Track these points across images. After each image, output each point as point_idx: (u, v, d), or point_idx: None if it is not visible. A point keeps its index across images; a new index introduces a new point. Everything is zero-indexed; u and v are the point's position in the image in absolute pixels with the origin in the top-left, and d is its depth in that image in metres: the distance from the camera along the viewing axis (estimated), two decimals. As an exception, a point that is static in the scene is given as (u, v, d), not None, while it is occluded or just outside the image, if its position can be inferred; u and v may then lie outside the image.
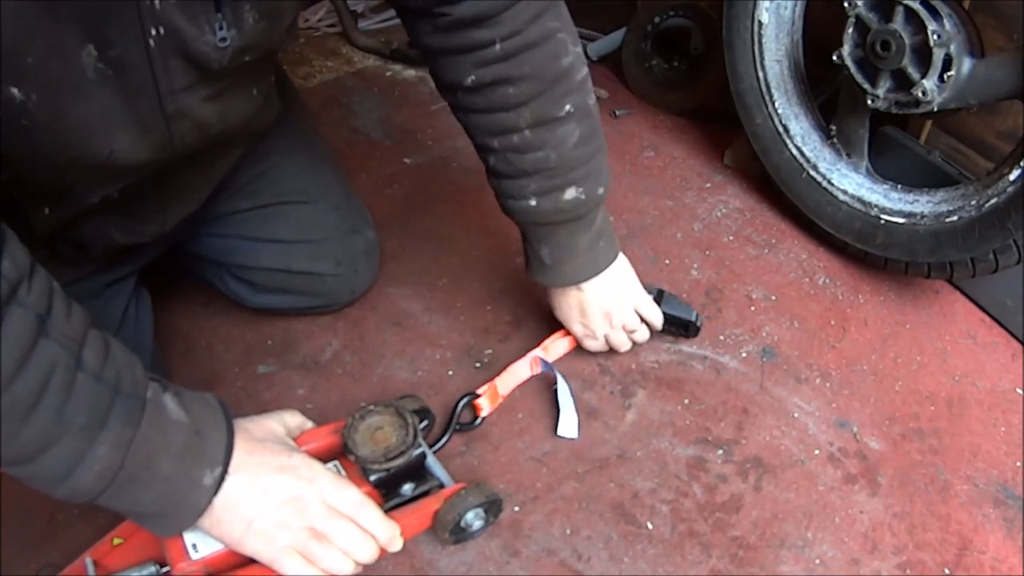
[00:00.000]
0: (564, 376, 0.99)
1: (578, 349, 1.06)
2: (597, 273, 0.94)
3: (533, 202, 0.86)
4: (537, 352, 1.01)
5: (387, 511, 0.77)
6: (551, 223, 0.89)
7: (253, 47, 0.69)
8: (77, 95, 0.60)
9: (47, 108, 0.59)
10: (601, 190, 0.89)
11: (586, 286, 0.95)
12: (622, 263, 0.98)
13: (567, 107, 0.82)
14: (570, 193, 0.86)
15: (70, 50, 0.57)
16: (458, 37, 0.78)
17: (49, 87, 0.58)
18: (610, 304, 0.97)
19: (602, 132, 0.88)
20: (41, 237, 0.75)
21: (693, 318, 1.05)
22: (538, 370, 1.02)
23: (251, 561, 0.70)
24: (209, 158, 0.85)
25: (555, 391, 0.98)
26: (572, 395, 0.98)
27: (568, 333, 1.04)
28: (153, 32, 0.60)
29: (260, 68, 0.77)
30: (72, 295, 0.61)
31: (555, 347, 1.04)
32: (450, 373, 1.03)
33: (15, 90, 0.56)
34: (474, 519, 0.80)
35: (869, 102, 1.13)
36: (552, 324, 1.04)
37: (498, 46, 0.77)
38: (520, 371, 1.01)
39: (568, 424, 0.96)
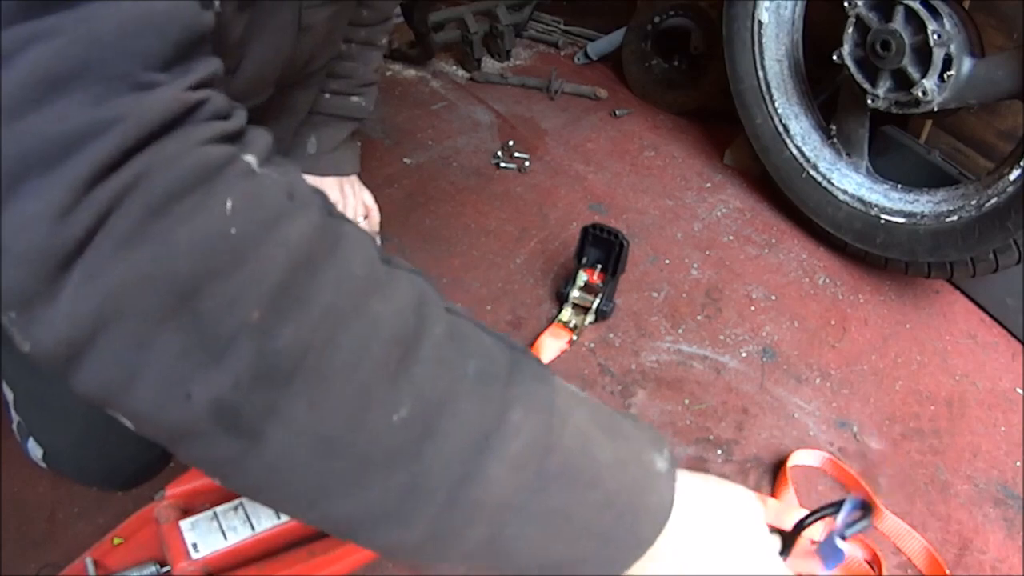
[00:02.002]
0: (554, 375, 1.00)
1: (576, 349, 1.06)
2: (346, 173, 1.04)
3: (327, 96, 0.97)
4: None
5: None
6: (333, 115, 0.98)
7: None
8: (252, 10, 0.59)
9: (228, 17, 0.54)
10: (371, 108, 1.02)
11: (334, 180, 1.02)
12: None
13: (384, 40, 0.99)
14: (355, 100, 0.99)
15: None
16: None
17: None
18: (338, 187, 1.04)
19: None
20: None
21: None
22: None
23: (251, 561, 0.70)
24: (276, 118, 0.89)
25: None
26: None
27: (559, 334, 1.04)
28: None
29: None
30: None
31: (547, 348, 1.04)
32: (450, 373, 1.03)
33: (217, 1, 0.48)
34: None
35: (869, 102, 1.13)
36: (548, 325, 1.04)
37: None
38: None
39: None
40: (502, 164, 1.41)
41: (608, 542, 0.39)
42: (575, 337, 1.07)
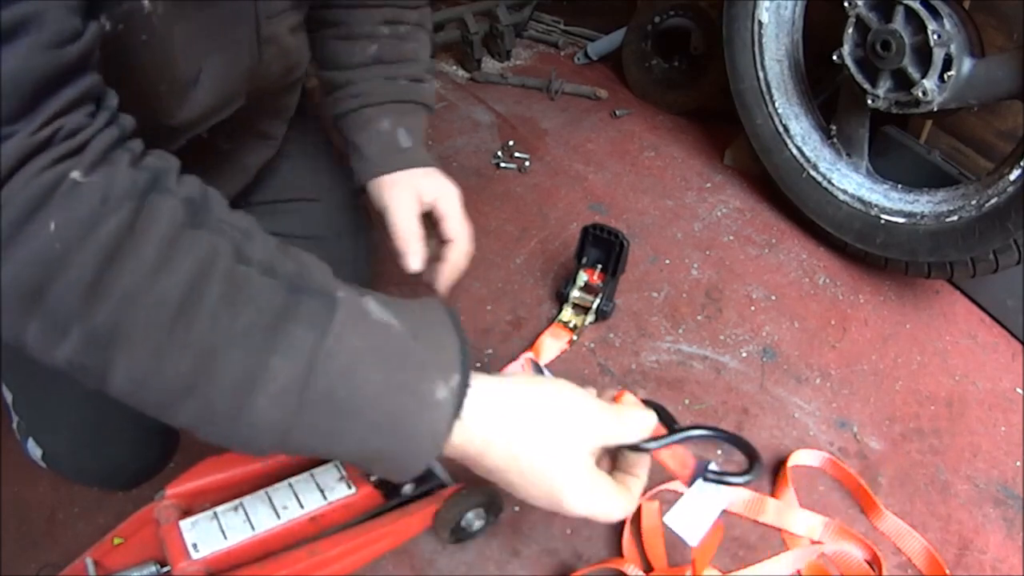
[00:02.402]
0: (554, 375, 1.00)
1: (576, 349, 1.06)
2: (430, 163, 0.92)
3: (403, 82, 0.89)
4: (529, 354, 1.02)
5: (387, 511, 0.77)
6: (414, 102, 0.90)
7: None
8: (190, 9, 0.60)
9: (167, 21, 0.58)
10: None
11: (433, 170, 0.90)
12: None
13: (429, 25, 0.93)
14: (428, 85, 0.92)
15: None
16: None
17: None
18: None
19: None
20: None
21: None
22: (530, 372, 1.02)
23: (252, 560, 0.70)
24: (264, 121, 0.88)
25: None
26: None
27: (559, 334, 1.04)
28: None
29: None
30: None
31: (547, 347, 1.04)
32: (450, 373, 1.03)
33: (146, 1, 0.55)
34: (474, 519, 0.80)
35: (869, 102, 1.13)
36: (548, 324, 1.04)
37: None
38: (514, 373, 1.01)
39: None
40: (502, 164, 1.41)
41: (385, 459, 0.49)
42: (575, 337, 1.07)
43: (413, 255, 0.84)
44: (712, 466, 0.62)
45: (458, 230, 0.87)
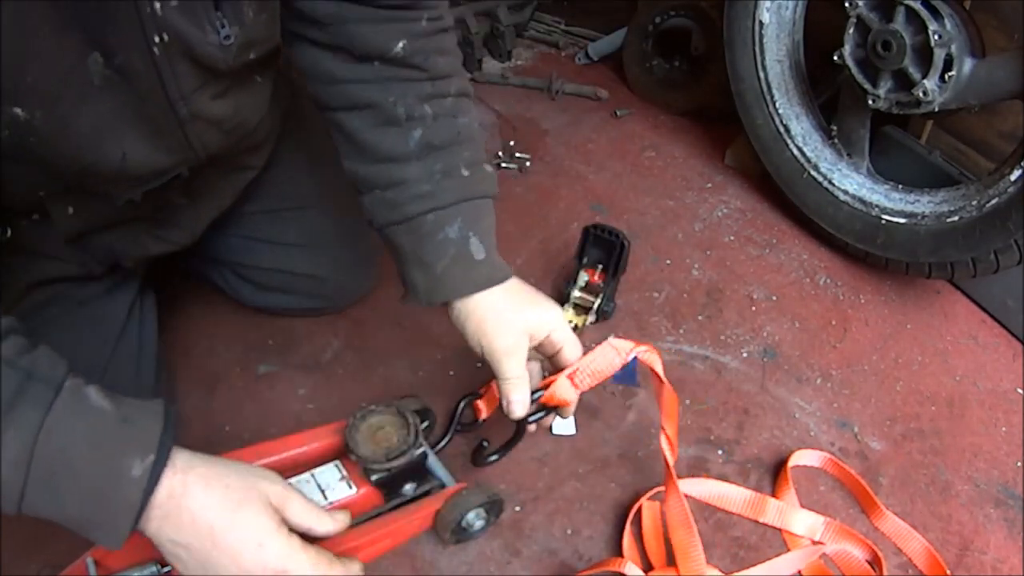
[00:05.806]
0: None
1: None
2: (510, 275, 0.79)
3: (465, 173, 0.76)
4: None
5: (388, 511, 0.77)
6: (482, 197, 0.78)
7: (257, 42, 0.69)
8: (82, 104, 0.60)
9: (52, 123, 0.59)
10: None
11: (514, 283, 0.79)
12: None
13: (469, 88, 0.81)
14: (488, 168, 0.79)
15: (73, 60, 0.57)
16: (384, 11, 0.73)
17: (52, 102, 0.58)
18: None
19: None
20: (67, 241, 0.75)
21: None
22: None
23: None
24: (237, 158, 0.86)
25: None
26: None
27: None
28: (157, 39, 0.60)
29: (266, 60, 0.76)
30: (78, 295, 0.59)
31: None
32: (451, 373, 1.03)
33: (18, 110, 0.57)
34: (475, 519, 0.80)
35: (870, 102, 1.13)
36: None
37: (424, 23, 0.75)
38: None
39: (563, 421, 0.95)
40: (503, 164, 1.41)
41: (96, 526, 0.55)
42: (576, 337, 1.07)
43: (519, 404, 0.77)
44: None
45: (576, 353, 0.80)
